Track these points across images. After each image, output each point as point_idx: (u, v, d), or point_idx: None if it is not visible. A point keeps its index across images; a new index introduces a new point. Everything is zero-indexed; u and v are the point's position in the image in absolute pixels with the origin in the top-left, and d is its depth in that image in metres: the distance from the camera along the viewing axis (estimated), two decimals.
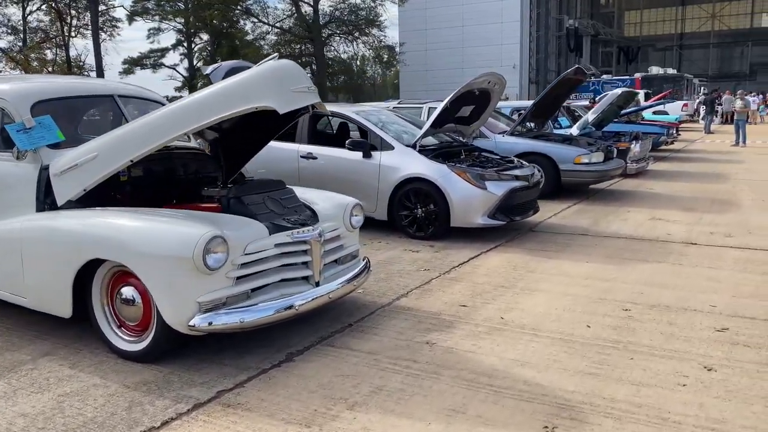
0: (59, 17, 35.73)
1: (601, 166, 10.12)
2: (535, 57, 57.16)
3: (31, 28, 42.01)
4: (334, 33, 40.93)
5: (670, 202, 9.95)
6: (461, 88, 7.40)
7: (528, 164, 8.11)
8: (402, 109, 11.50)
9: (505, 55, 53.60)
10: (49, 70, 36.63)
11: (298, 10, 40.56)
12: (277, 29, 42.88)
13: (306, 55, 43.04)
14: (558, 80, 10.23)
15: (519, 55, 54.88)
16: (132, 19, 54.31)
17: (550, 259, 6.50)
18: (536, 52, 57.24)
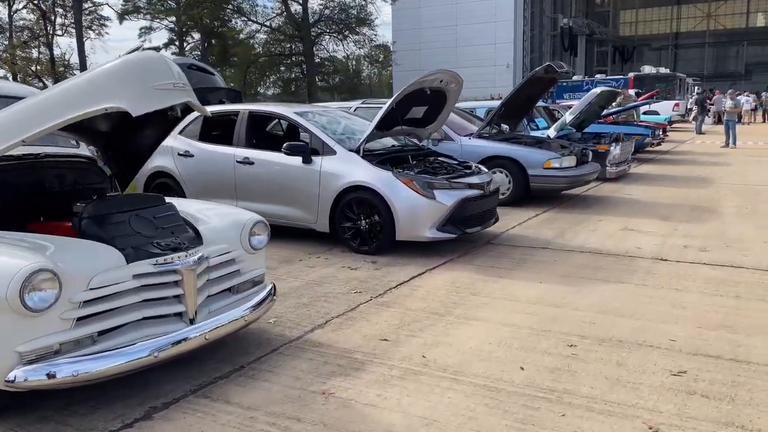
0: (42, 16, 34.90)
1: (573, 171, 9.37)
2: (530, 56, 56.41)
3: (17, 27, 41.21)
4: (324, 32, 40.12)
5: (647, 209, 9.21)
6: (407, 86, 6.66)
7: (486, 171, 7.37)
8: (367, 109, 10.76)
9: (499, 55, 52.97)
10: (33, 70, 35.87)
11: (287, 8, 39.78)
12: (266, 28, 42.08)
13: (296, 54, 42.31)
14: (527, 79, 9.49)
15: (513, 54, 54.22)
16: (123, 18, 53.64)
17: (500, 279, 5.76)
18: (530, 51, 56.51)
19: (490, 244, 7.20)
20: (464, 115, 11.27)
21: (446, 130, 9.83)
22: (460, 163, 7.61)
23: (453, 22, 53.68)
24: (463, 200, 6.54)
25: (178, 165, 7.69)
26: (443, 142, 9.78)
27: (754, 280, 5.63)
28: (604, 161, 11.84)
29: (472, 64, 50.96)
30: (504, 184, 9.46)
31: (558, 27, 58.96)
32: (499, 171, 9.47)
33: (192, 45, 56.86)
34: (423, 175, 6.54)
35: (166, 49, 57.47)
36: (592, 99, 11.93)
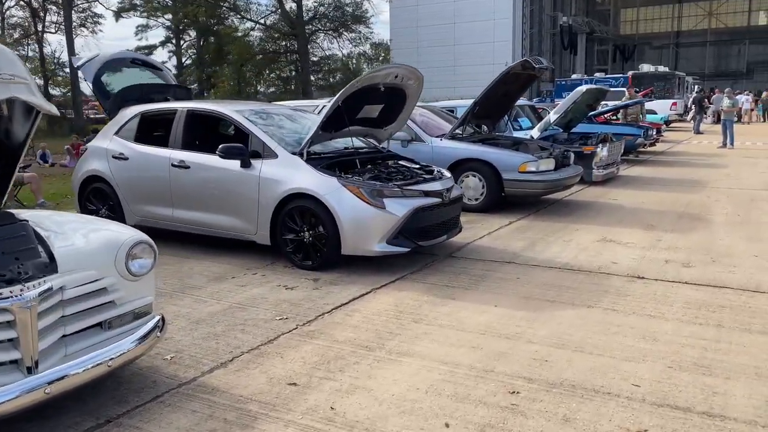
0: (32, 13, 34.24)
1: (552, 174, 8.63)
2: (529, 55, 55.59)
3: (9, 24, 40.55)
4: (318, 29, 39.40)
5: (631, 216, 8.47)
6: (354, 83, 5.92)
7: (449, 176, 6.64)
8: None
9: (498, 53, 52.12)
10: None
11: (281, 5, 39.05)
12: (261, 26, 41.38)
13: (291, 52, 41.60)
14: (502, 75, 8.74)
15: (512, 52, 53.34)
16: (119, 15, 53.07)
17: (452, 301, 5.03)
18: (530, 49, 55.66)
19: (452, 257, 6.47)
20: (441, 114, 10.53)
21: (417, 130, 9.10)
22: (422, 167, 6.88)
23: (451, 21, 52.87)
24: (417, 210, 5.81)
25: (113, 169, 6.98)
26: (414, 143, 9.06)
27: (740, 304, 4.89)
28: (589, 163, 11.10)
29: (470, 63, 50.23)
30: (477, 189, 8.73)
31: (557, 25, 58.16)
32: (472, 175, 8.75)
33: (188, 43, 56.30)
34: (372, 182, 5.81)
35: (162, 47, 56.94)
36: (577, 98, 11.17)
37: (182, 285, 5.54)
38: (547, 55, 59.21)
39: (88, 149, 7.39)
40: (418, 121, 9.35)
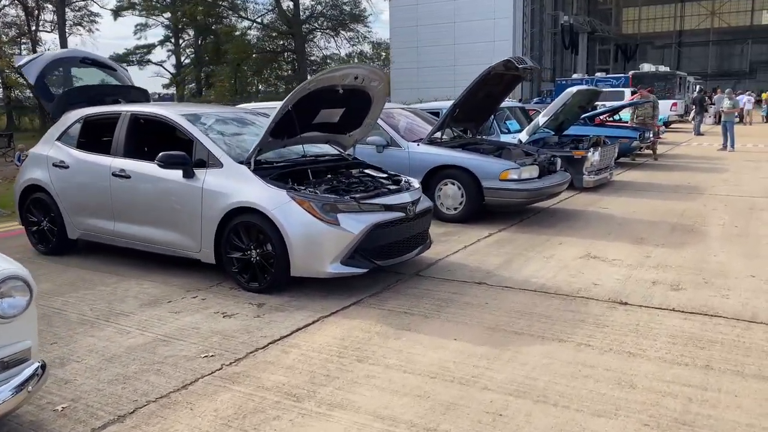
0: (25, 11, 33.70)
1: (535, 183, 8.00)
2: (529, 54, 54.89)
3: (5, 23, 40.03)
4: (316, 29, 38.78)
5: (620, 228, 7.84)
6: (307, 84, 5.30)
7: (418, 187, 6.02)
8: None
9: (498, 52, 51.18)
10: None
11: (278, 4, 38.45)
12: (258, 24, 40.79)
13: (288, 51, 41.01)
14: (482, 76, 8.11)
15: (512, 52, 52.64)
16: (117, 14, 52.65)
17: (406, 333, 4.42)
18: (530, 49, 55.01)
19: (419, 276, 5.85)
20: (424, 115, 9.90)
21: (393, 134, 8.49)
22: (389, 176, 6.27)
23: (451, 20, 52.25)
24: (376, 226, 5.20)
25: (53, 177, 6.39)
26: (389, 148, 8.44)
27: (733, 338, 4.27)
28: (580, 169, 10.48)
29: (470, 62, 49.55)
30: (456, 198, 8.11)
31: (558, 25, 57.45)
32: (450, 183, 8.13)
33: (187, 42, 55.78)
34: (326, 195, 5.19)
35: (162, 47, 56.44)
36: (567, 99, 10.54)
37: (109, 311, 4.94)
38: (548, 55, 58.68)
39: (29, 156, 6.80)
40: (395, 125, 8.74)
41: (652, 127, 15.65)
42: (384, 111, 8.73)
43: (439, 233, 7.57)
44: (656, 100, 16.15)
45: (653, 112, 15.81)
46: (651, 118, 15.80)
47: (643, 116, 15.96)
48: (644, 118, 15.91)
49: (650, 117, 15.78)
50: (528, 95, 49.09)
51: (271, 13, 40.47)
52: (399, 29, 53.20)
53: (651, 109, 15.83)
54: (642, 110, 16.02)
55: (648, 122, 15.75)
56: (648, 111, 15.89)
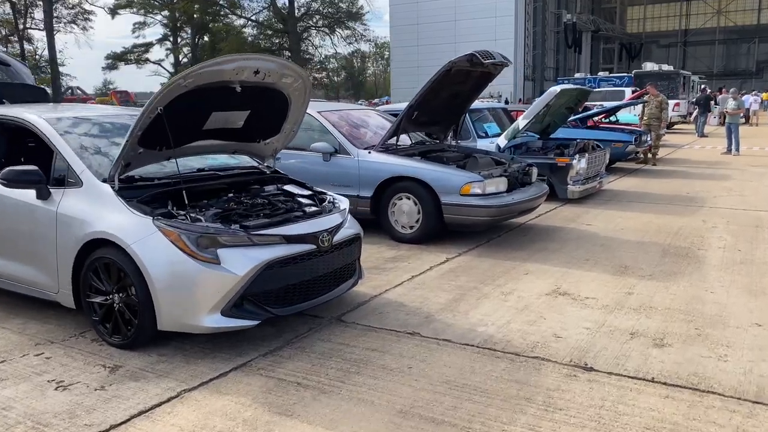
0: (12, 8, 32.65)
1: (503, 198, 6.76)
2: (532, 53, 53.65)
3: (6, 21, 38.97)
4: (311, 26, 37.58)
5: (602, 252, 6.59)
6: (181, 80, 4.06)
7: (344, 208, 4.81)
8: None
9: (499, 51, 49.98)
10: None
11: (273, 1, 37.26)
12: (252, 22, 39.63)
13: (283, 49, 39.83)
14: (442, 73, 6.86)
15: (513, 50, 51.43)
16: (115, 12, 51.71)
17: (285, 420, 3.22)
18: (533, 48, 53.75)
19: (341, 322, 4.64)
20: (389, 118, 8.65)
21: (341, 140, 7.26)
22: (314, 194, 5.07)
23: (452, 18, 51.08)
24: (271, 264, 3.98)
25: None
26: (338, 156, 7.22)
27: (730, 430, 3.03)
28: (564, 178, 9.23)
29: None
30: (412, 215, 6.89)
31: (562, 23, 56.08)
32: (405, 197, 6.90)
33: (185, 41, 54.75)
34: (203, 225, 3.97)
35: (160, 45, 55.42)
36: (550, 100, 9.29)
37: None
38: (550, 54, 57.42)
39: None
40: (348, 128, 7.52)
41: (657, 130, 14.28)
42: (335, 112, 7.53)
43: (388, 258, 6.36)
44: (665, 99, 14.73)
45: (660, 113, 14.41)
46: (657, 119, 14.41)
47: (649, 117, 14.57)
48: (649, 120, 14.52)
49: (656, 119, 14.39)
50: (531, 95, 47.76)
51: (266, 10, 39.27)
52: (399, 28, 52.17)
53: (658, 111, 14.42)
54: (649, 110, 14.62)
55: (653, 124, 14.37)
56: (654, 112, 14.48)
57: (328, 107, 7.92)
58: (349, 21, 39.55)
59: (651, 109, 14.51)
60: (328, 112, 7.62)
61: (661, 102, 14.45)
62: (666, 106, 14.48)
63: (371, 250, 6.63)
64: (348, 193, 7.05)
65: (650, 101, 14.66)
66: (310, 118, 7.54)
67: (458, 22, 51.02)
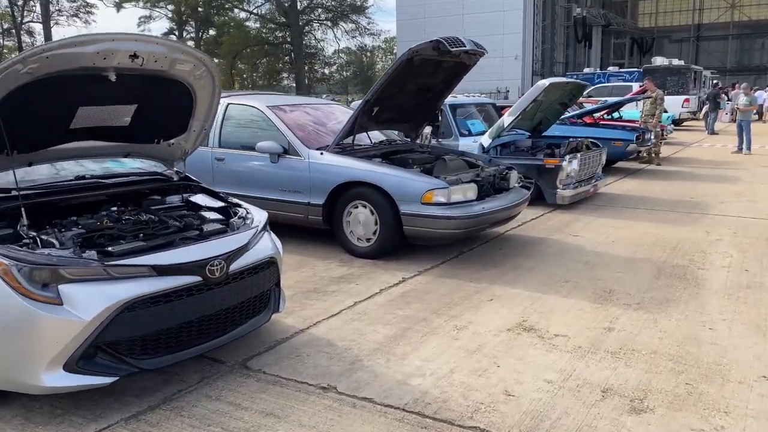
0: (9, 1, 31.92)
1: (472, 207, 5.79)
2: (540, 47, 52.38)
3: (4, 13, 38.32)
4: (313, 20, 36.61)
5: (585, 271, 5.61)
6: (18, 64, 3.11)
7: (252, 228, 3.86)
8: None
9: (507, 46, 49.12)
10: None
11: None
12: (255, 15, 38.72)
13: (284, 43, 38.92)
14: (403, 62, 5.87)
15: (522, 45, 50.30)
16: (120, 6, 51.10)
17: None
18: (542, 42, 52.46)
19: (245, 369, 3.71)
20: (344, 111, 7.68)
21: (291, 138, 6.32)
22: (227, 206, 4.14)
23: (459, 12, 49.94)
24: (133, 304, 3.06)
25: None
26: (287, 157, 6.29)
27: None
28: (552, 181, 8.24)
29: None
30: (369, 226, 5.94)
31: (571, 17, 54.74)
32: (362, 205, 5.96)
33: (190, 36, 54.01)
34: (41, 253, 3.06)
35: None
36: (538, 95, 8.31)
37: None
38: (560, 49, 56.13)
39: None
40: (301, 125, 6.58)
41: (653, 127, 13.27)
42: (288, 107, 6.61)
43: (335, 277, 5.43)
44: (660, 94, 13.68)
45: (655, 109, 13.38)
46: (651, 116, 13.39)
47: (645, 115, 13.58)
48: (645, 117, 13.52)
49: (650, 115, 13.39)
50: None
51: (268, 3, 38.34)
52: (406, 22, 51.18)
53: (653, 107, 13.40)
54: (645, 107, 13.63)
55: (648, 121, 13.36)
56: (649, 109, 13.49)
57: (280, 101, 6.98)
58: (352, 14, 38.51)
59: (647, 106, 13.45)
60: (279, 108, 6.69)
61: (656, 98, 13.36)
62: (660, 102, 13.39)
63: (318, 268, 5.71)
64: (298, 200, 6.15)
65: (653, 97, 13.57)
66: (257, 114, 6.62)
67: (465, 16, 49.91)
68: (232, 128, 6.82)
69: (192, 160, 6.06)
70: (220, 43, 40.75)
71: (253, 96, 7.19)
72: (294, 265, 5.76)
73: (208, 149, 6.80)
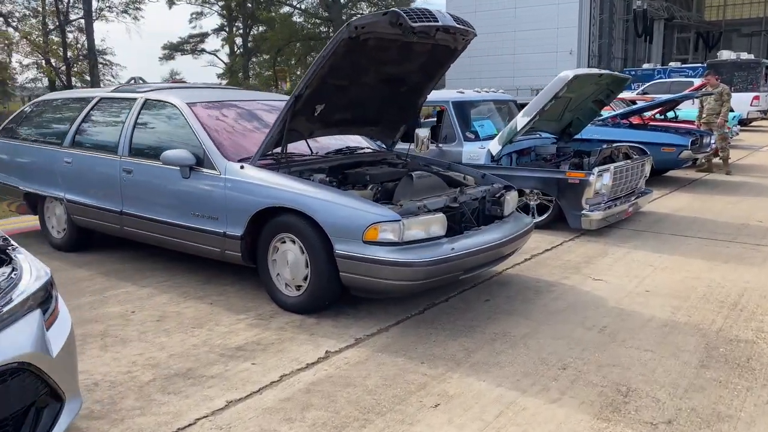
0: None
1: (435, 248, 4.00)
2: (597, 43, 49.44)
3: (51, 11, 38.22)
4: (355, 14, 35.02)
5: (596, 350, 3.76)
6: None
7: None
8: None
9: (561, 40, 46.55)
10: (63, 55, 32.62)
11: None
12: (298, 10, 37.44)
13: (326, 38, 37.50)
14: (340, 42, 4.08)
15: (577, 39, 47.55)
16: (172, 2, 51.00)
17: None
18: (599, 36, 49.52)
19: None
20: None
21: (207, 146, 4.67)
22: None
23: (512, 5, 47.57)
24: None
25: None
26: (200, 170, 4.64)
27: None
28: (577, 200, 6.35)
29: (531, 50, 45.19)
30: (298, 268, 4.24)
31: (631, 10, 51.49)
32: (290, 239, 4.26)
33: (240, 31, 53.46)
34: None
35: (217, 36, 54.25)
36: (558, 90, 6.43)
37: None
38: (618, 44, 53.05)
39: None
40: (221, 130, 4.92)
41: (718, 129, 11.06)
42: (214, 104, 4.99)
43: (231, 348, 3.77)
44: (726, 89, 11.39)
45: (720, 107, 11.17)
46: (717, 115, 11.19)
47: (707, 114, 11.36)
48: (708, 117, 11.32)
49: (715, 114, 11.19)
50: None
51: None
52: None
53: (718, 105, 11.19)
54: (708, 105, 11.39)
55: (711, 121, 11.18)
56: (713, 106, 11.26)
57: (210, 96, 5.35)
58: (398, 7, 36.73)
59: (710, 104, 11.22)
60: (204, 105, 5.06)
61: (721, 93, 11.13)
62: (727, 98, 11.13)
63: (219, 328, 4.06)
64: (213, 229, 4.52)
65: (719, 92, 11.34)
66: (174, 113, 5.02)
67: (518, 9, 47.56)
68: (145, 131, 5.23)
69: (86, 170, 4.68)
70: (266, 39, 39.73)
71: (176, 89, 5.60)
72: (188, 321, 4.13)
73: (116, 157, 5.23)
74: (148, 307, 4.48)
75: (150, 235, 5.08)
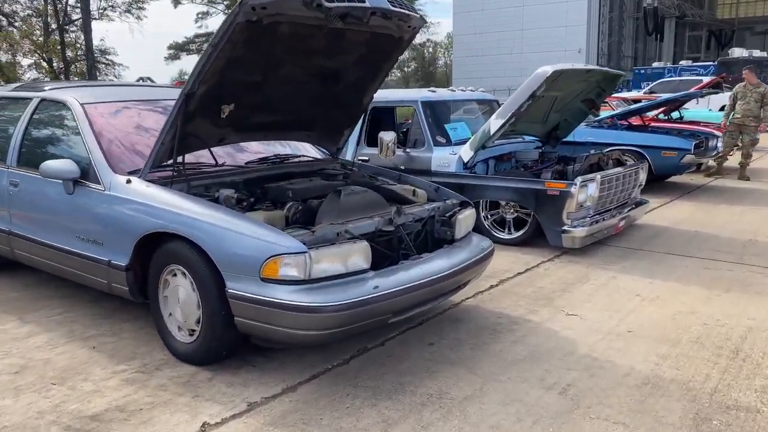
0: None
1: (353, 287, 3.13)
2: (607, 41, 48.36)
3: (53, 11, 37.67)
4: None
5: (556, 422, 2.87)
6: None
7: None
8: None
9: (570, 38, 45.53)
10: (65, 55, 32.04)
11: None
12: None
13: None
14: (237, 25, 3.22)
15: (586, 38, 46.54)
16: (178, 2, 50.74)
17: None
18: (608, 35, 48.45)
19: None
20: None
21: (94, 155, 3.83)
22: None
23: (520, 3, 46.65)
24: None
25: None
26: (84, 185, 3.80)
27: None
28: (557, 215, 5.44)
29: (539, 49, 44.26)
30: (191, 308, 3.38)
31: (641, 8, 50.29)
32: (181, 272, 3.39)
33: None
34: None
35: None
36: (536, 88, 5.52)
37: None
38: (629, 42, 51.96)
39: None
40: (118, 136, 4.07)
41: (752, 133, 9.93)
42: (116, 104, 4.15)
43: (86, 416, 2.92)
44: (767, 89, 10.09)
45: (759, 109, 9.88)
46: (755, 119, 9.92)
47: (743, 115, 9.98)
48: (744, 118, 9.98)
49: (754, 117, 9.91)
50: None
51: None
52: (462, 14, 48.57)
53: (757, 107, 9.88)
54: (745, 105, 10.01)
55: (749, 125, 9.96)
56: (752, 108, 9.93)
57: (115, 95, 4.49)
58: None
59: (748, 104, 9.96)
60: (102, 105, 4.21)
61: (763, 94, 9.93)
62: None
63: (84, 386, 3.22)
64: (97, 256, 3.67)
65: (746, 93, 10.05)
66: (67, 115, 4.17)
67: (526, 8, 46.65)
68: (37, 136, 4.40)
69: None
70: None
71: (83, 87, 4.76)
72: (51, 375, 3.30)
73: (3, 168, 4.41)
74: (15, 352, 3.65)
75: (41, 261, 4.25)
